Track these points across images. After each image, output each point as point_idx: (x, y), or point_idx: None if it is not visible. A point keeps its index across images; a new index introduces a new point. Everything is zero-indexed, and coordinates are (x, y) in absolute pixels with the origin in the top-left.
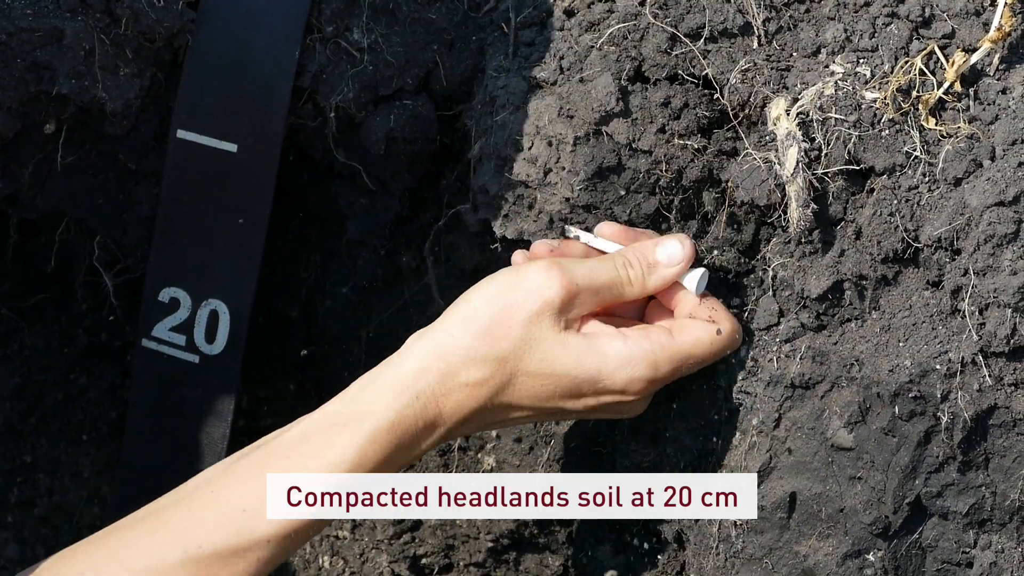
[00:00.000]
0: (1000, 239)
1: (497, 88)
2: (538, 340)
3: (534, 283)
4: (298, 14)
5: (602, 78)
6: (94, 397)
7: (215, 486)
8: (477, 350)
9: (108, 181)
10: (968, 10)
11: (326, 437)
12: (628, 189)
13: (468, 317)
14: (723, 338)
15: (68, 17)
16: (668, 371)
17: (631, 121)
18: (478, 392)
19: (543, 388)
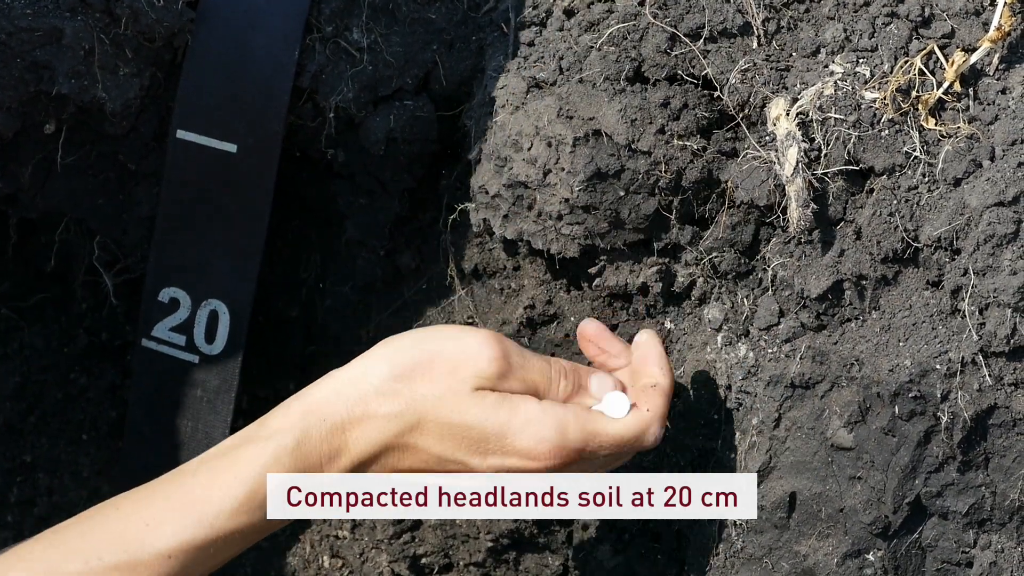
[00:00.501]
0: (1000, 239)
1: (497, 88)
2: (455, 393)
3: (472, 347)
4: (297, 14)
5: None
6: (94, 397)
7: (121, 503)
8: (392, 385)
9: (108, 181)
10: (968, 10)
11: (235, 455)
12: (627, 190)
13: (392, 354)
14: (639, 431)
15: (68, 17)
16: (577, 441)
17: (631, 122)
18: (385, 427)
19: (450, 439)
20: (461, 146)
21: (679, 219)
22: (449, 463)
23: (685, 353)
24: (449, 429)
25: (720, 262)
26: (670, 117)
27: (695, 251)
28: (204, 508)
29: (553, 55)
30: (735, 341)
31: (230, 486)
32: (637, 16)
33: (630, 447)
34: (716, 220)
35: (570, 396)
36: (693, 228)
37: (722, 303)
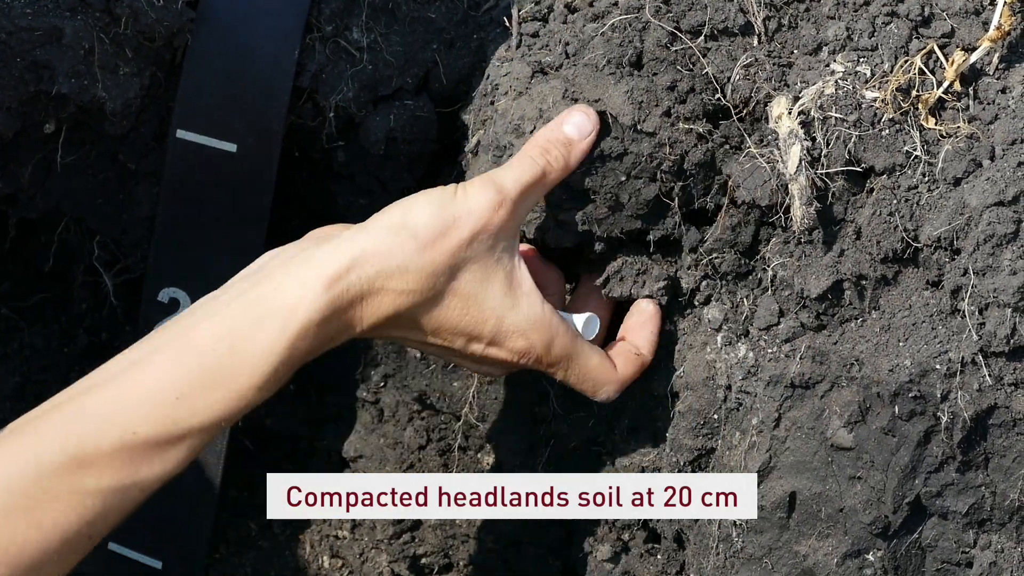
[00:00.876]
0: (1000, 239)
1: (500, 76)
2: (472, 260)
3: (475, 203)
4: (297, 13)
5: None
6: None
7: (146, 369)
8: (414, 260)
9: (108, 181)
10: (967, 9)
11: (256, 327)
12: (629, 175)
13: (408, 225)
14: (603, 382)
15: (68, 16)
16: (553, 357)
17: (637, 104)
18: (401, 301)
19: (460, 316)
20: (460, 144)
21: (680, 207)
22: (442, 344)
23: (685, 353)
24: (463, 304)
25: (720, 262)
26: (677, 100)
27: (695, 254)
28: (233, 384)
29: (559, 42)
30: (735, 341)
31: (258, 363)
32: (640, 9)
33: (584, 388)
34: (716, 220)
35: (568, 161)
36: (695, 228)
37: (722, 303)
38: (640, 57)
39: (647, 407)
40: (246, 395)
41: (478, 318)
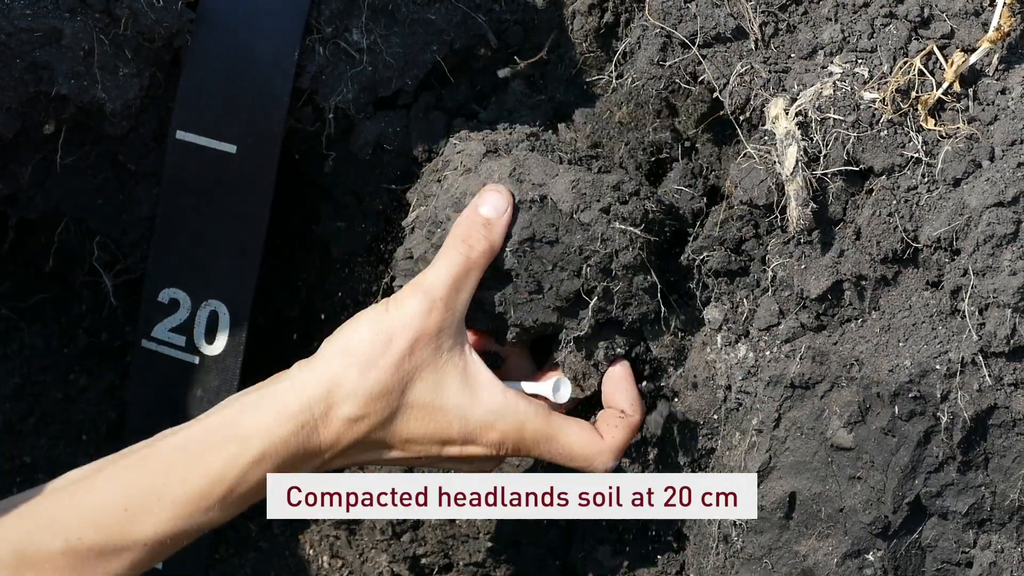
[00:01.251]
0: (999, 239)
1: (453, 153)
2: (420, 368)
3: (407, 313)
4: (297, 14)
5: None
6: (94, 397)
7: (96, 482)
8: (361, 385)
9: (107, 181)
10: (967, 10)
11: (210, 451)
12: (555, 263)
13: (349, 349)
14: (591, 454)
15: (67, 17)
16: (530, 441)
17: (580, 194)
18: (356, 428)
19: (424, 425)
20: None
21: (596, 310)
22: (415, 455)
23: (685, 353)
24: (425, 413)
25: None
26: (619, 200)
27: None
28: (183, 503)
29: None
30: (735, 341)
31: (211, 484)
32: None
33: (576, 465)
34: (713, 220)
35: (490, 242)
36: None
37: (722, 304)
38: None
39: (647, 408)
40: (193, 515)
41: (442, 422)
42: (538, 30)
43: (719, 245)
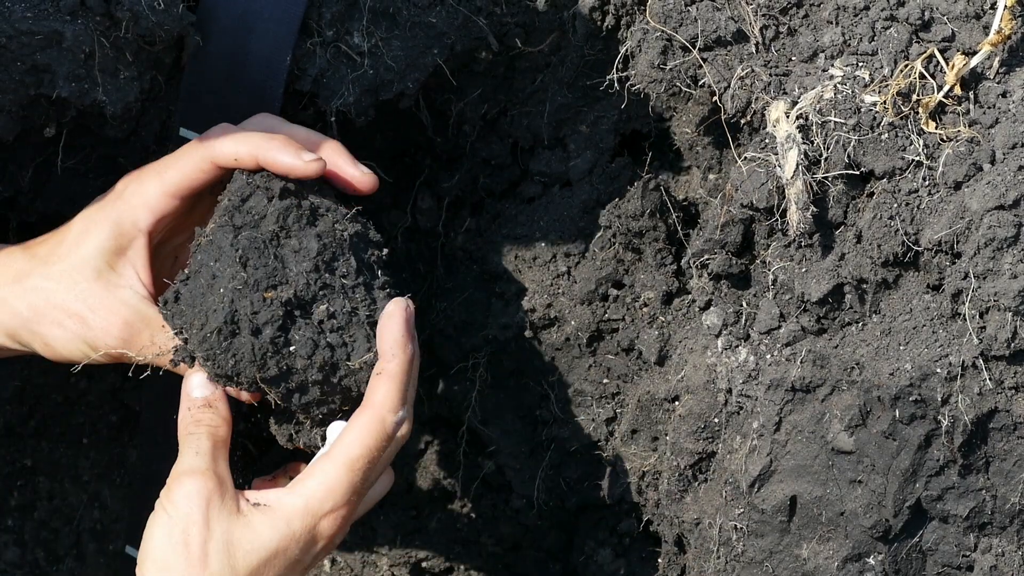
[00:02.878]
0: (1000, 243)
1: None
2: (227, 532)
3: (182, 496)
4: (292, 18)
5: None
6: (94, 400)
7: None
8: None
9: (108, 184)
10: (968, 13)
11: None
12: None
13: (156, 560)
14: (369, 435)
15: (68, 20)
16: (343, 482)
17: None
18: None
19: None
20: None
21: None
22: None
23: (685, 356)
24: (264, 564)
25: (719, 266)
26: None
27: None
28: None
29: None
30: (735, 345)
31: None
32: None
33: (376, 451)
34: (714, 224)
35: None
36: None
37: (722, 307)
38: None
39: (648, 411)
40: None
41: (278, 555)
42: (539, 32)
43: (720, 248)
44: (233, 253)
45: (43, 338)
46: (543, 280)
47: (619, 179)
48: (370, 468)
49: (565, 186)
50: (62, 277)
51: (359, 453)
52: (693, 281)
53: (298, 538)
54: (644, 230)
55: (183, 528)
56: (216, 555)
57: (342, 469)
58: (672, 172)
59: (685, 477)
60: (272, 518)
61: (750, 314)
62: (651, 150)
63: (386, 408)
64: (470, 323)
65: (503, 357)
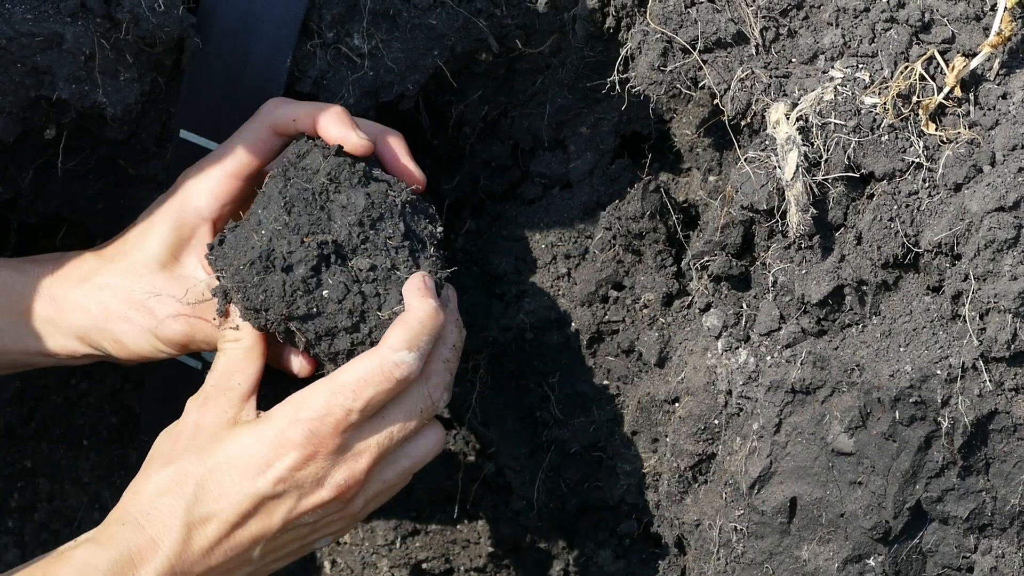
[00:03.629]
0: (1000, 244)
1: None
2: (213, 426)
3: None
4: (292, 20)
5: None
6: (95, 402)
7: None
8: (160, 454)
9: (108, 186)
10: (968, 15)
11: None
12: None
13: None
14: (372, 367)
15: (68, 22)
16: (332, 403)
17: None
18: (170, 503)
19: (229, 472)
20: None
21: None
22: (245, 512)
23: (686, 358)
24: (224, 464)
25: (719, 268)
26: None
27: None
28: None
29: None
30: (736, 346)
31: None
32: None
33: (365, 382)
34: (714, 225)
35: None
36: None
37: (723, 308)
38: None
39: (648, 412)
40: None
41: (242, 454)
42: (539, 34)
43: (720, 250)
44: (280, 200)
45: (112, 335)
46: (543, 282)
47: (619, 181)
48: (355, 396)
49: (565, 188)
50: (127, 272)
51: (346, 379)
52: (693, 283)
53: (265, 439)
54: (644, 232)
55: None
56: (187, 438)
57: (324, 386)
58: (672, 174)
59: (685, 478)
60: (256, 423)
61: (750, 316)
62: (651, 152)
63: (388, 345)
64: (470, 325)
65: (503, 359)
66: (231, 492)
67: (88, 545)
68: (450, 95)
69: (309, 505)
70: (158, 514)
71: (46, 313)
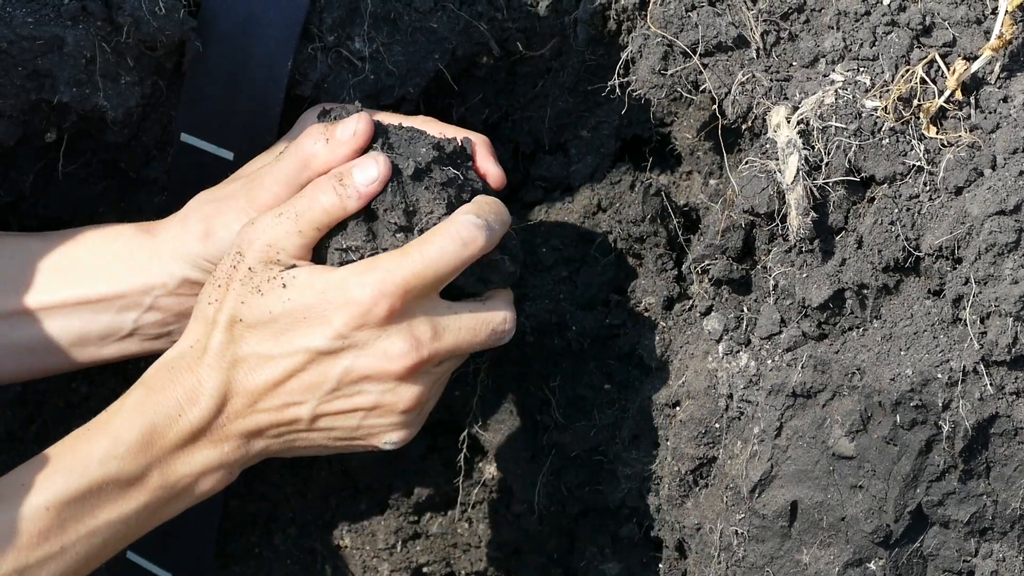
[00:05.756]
0: (1001, 248)
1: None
2: (241, 285)
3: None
4: (292, 24)
5: None
6: (95, 405)
7: (2, 475)
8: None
9: (109, 189)
10: (969, 18)
11: (99, 419)
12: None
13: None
14: (463, 227)
15: (69, 25)
16: (400, 266)
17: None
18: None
19: (267, 310)
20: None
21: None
22: (291, 356)
23: (686, 362)
24: (262, 310)
25: (720, 272)
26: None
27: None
28: (75, 461)
29: None
30: (736, 350)
31: (98, 437)
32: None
33: (452, 252)
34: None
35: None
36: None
37: (723, 312)
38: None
39: (649, 416)
40: (84, 471)
41: (291, 305)
42: (540, 37)
43: (721, 254)
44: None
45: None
46: (544, 285)
47: (620, 184)
48: (424, 264)
49: (566, 191)
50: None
51: (422, 248)
52: (694, 286)
53: (321, 289)
54: (645, 235)
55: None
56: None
57: (398, 254)
58: (673, 177)
59: (686, 482)
60: (311, 272)
61: (751, 319)
62: (652, 155)
63: (459, 211)
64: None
65: (504, 362)
66: (286, 342)
67: (138, 389)
68: (451, 98)
69: (364, 370)
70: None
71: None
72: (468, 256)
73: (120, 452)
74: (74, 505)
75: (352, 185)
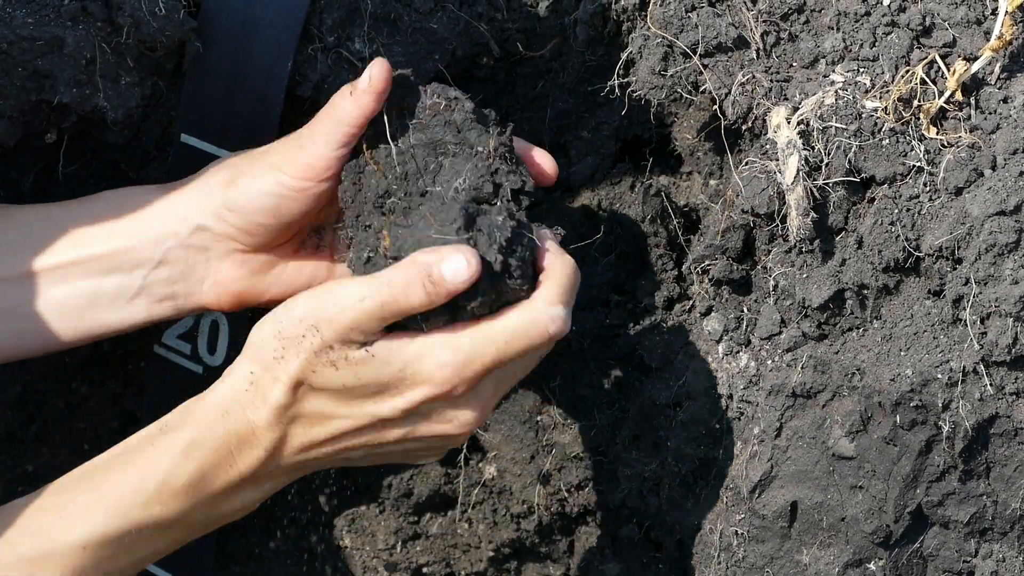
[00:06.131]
0: (1001, 248)
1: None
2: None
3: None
4: (293, 23)
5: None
6: (95, 406)
7: (35, 498)
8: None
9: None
10: (969, 19)
11: (148, 447)
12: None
13: (254, 341)
14: (531, 318)
15: (69, 26)
16: (483, 353)
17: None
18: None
19: (340, 383)
20: None
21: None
22: (357, 418)
23: (686, 362)
24: (335, 377)
25: (720, 272)
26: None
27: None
28: (117, 500)
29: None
30: (736, 350)
31: (142, 478)
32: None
33: (535, 340)
34: (715, 229)
35: (432, 299)
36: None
37: (723, 312)
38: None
39: (649, 416)
40: (128, 513)
41: (362, 373)
42: (540, 38)
43: (721, 254)
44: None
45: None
46: None
47: (620, 184)
48: (507, 346)
49: (566, 191)
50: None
51: (500, 327)
52: (694, 287)
53: (399, 367)
54: (645, 236)
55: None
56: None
57: (483, 338)
58: (673, 178)
59: (686, 483)
60: (388, 348)
61: (751, 320)
62: (652, 156)
63: (543, 299)
64: None
65: None
66: (355, 407)
67: (188, 427)
68: None
69: (425, 432)
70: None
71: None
72: (551, 345)
73: (165, 498)
74: (112, 545)
75: (442, 284)
